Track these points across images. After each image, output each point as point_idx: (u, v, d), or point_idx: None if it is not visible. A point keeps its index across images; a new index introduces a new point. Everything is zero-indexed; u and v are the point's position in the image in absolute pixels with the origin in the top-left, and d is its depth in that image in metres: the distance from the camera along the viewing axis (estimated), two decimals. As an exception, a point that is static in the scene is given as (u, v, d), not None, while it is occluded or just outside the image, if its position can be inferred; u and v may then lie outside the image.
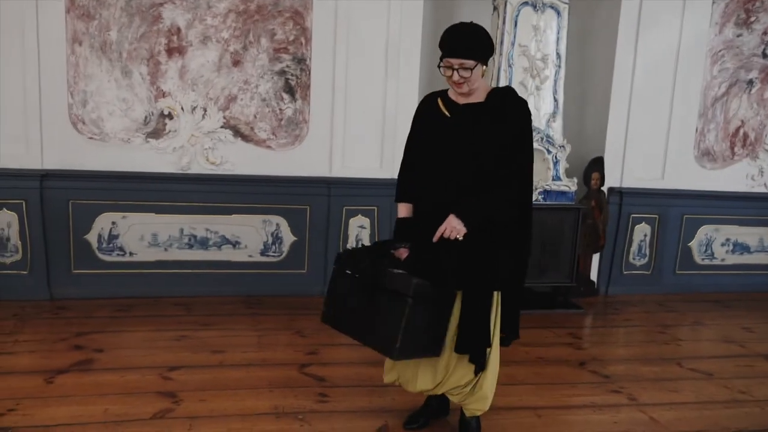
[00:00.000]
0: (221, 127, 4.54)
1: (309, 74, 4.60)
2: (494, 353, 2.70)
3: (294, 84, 4.60)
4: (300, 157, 4.66)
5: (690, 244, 5.50)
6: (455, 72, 2.48)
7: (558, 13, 4.60)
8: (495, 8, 4.64)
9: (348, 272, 2.64)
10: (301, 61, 4.58)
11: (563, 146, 4.72)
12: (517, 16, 4.53)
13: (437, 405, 3.01)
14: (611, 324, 4.69)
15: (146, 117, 4.44)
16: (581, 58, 5.29)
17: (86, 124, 4.37)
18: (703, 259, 5.57)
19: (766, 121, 5.52)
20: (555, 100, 4.71)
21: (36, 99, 4.24)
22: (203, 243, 4.62)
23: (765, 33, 5.34)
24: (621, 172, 5.18)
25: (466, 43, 2.48)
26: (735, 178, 5.50)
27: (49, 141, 4.31)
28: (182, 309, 4.37)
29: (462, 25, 2.52)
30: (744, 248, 5.65)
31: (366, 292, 2.55)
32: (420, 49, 4.67)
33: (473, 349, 2.60)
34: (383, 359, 3.54)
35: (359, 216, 4.77)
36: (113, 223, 4.47)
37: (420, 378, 2.74)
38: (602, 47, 5.18)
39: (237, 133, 4.58)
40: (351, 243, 4.80)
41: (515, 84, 4.59)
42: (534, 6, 4.55)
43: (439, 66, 2.53)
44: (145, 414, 2.91)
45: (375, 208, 4.75)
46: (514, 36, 4.57)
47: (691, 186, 5.34)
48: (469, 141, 2.55)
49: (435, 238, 2.52)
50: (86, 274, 4.48)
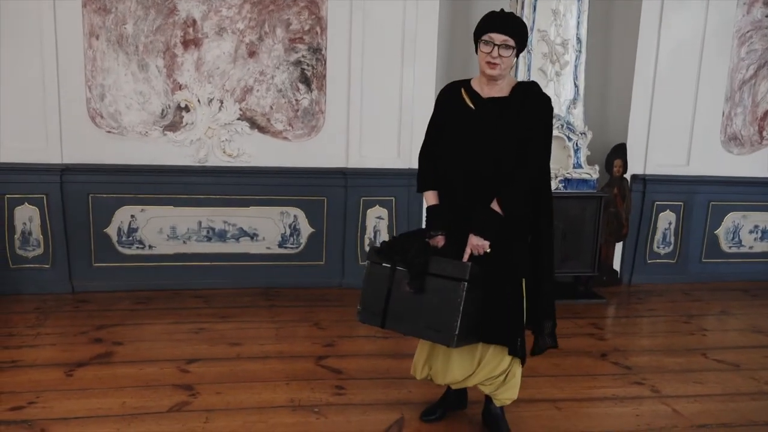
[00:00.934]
0: (238, 119, 4.53)
1: (325, 64, 4.56)
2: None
3: (310, 74, 4.56)
4: (316, 148, 4.63)
5: (716, 232, 5.37)
6: (496, 48, 2.43)
7: (578, -3, 4.50)
8: (513, -7, 4.55)
9: (386, 265, 2.61)
10: (317, 51, 4.54)
11: (584, 133, 4.62)
12: (536, 1, 4.43)
13: (455, 398, 2.98)
14: (634, 314, 4.60)
15: (163, 110, 4.45)
16: (603, 43, 5.17)
17: (104, 118, 4.39)
18: (730, 247, 5.44)
19: (797, 104, 5.35)
20: (575, 86, 4.60)
21: (55, 94, 4.27)
22: (221, 235, 4.63)
23: (795, 13, 5.16)
24: (644, 159, 5.06)
25: (514, 23, 2.48)
26: (763, 164, 5.34)
27: (69, 135, 4.34)
28: (201, 301, 4.38)
29: (506, 11, 2.53)
30: (773, 235, 5.51)
31: (417, 282, 2.52)
32: (437, 37, 4.59)
33: (499, 339, 2.57)
34: (401, 351, 3.57)
35: (377, 207, 4.73)
36: (132, 217, 4.50)
37: (451, 369, 2.71)
38: (624, 30, 5.05)
39: (253, 125, 4.56)
40: (369, 234, 4.77)
41: (534, 70, 4.50)
42: (553, -10, 4.45)
43: (478, 42, 2.49)
44: (162, 407, 2.92)
45: (393, 199, 4.71)
46: (533, 21, 4.47)
47: (718, 172, 5.20)
48: (492, 135, 2.51)
49: (464, 259, 2.52)
50: (107, 268, 4.52)
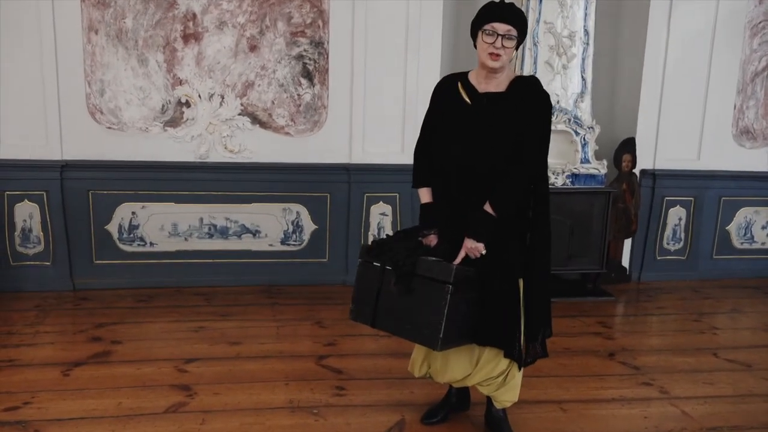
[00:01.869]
0: (239, 115, 4.47)
1: (327, 58, 4.49)
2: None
3: (312, 68, 4.49)
4: (319, 144, 4.56)
5: (728, 228, 5.25)
6: (499, 39, 2.35)
7: (585, -12, 4.40)
8: (519, -16, 4.45)
9: (377, 264, 2.55)
10: (319, 45, 4.47)
11: (592, 127, 4.53)
12: (542, -8, 4.34)
13: (457, 399, 2.91)
14: (643, 312, 4.50)
15: (164, 105, 4.39)
16: (611, 35, 5.05)
17: (104, 114, 4.34)
18: (742, 243, 5.32)
19: (811, 97, 5.22)
20: (583, 79, 4.50)
21: (54, 89, 4.22)
22: (223, 232, 4.57)
23: (810, 3, 5.03)
24: (654, 154, 4.96)
25: (516, 13, 2.40)
26: (776, 158, 5.23)
27: (68, 131, 4.29)
28: (202, 299, 4.33)
29: (510, 2, 2.45)
30: (787, 231, 5.39)
31: (403, 283, 2.46)
32: (441, 30, 4.50)
33: (494, 341, 2.50)
34: (403, 350, 3.49)
35: (381, 203, 4.66)
36: (133, 213, 4.45)
37: (450, 368, 2.65)
38: (633, 22, 4.94)
39: (255, 120, 4.50)
40: (373, 231, 4.70)
41: (541, 63, 4.41)
42: (560, -19, 4.35)
43: (478, 33, 2.40)
44: (159, 408, 2.87)
45: (397, 195, 4.64)
46: (539, 13, 4.37)
47: (729, 167, 5.08)
48: (487, 131, 2.44)
49: (457, 262, 2.45)
50: (108, 265, 4.48)
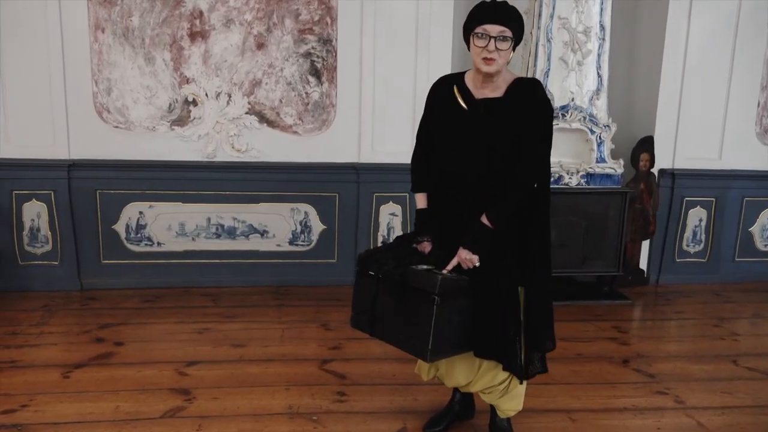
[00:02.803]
0: (246, 113, 4.41)
1: (335, 56, 4.41)
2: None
3: (320, 66, 4.42)
4: (327, 143, 4.49)
5: (751, 229, 5.06)
6: (492, 41, 2.22)
7: (601, -18, 4.26)
8: (532, -22, 4.33)
9: (371, 273, 2.47)
10: (327, 42, 4.39)
11: (608, 126, 4.39)
12: (557, -14, 4.21)
13: (461, 407, 2.82)
14: (661, 316, 4.36)
15: (170, 104, 4.35)
16: (629, 30, 4.90)
17: (111, 113, 4.31)
18: (766, 245, 5.12)
19: (840, 93, 5.01)
20: (599, 76, 4.36)
21: (61, 88, 4.20)
22: (231, 232, 4.52)
23: (839, -5, 4.82)
24: (673, 152, 4.79)
25: (509, 12, 2.26)
26: (803, 157, 5.03)
27: (75, 131, 4.27)
28: (209, 300, 4.28)
29: (502, 0, 2.30)
30: (813, 233, 5.18)
31: (393, 293, 2.38)
32: (452, 27, 4.40)
33: (492, 354, 2.40)
34: (409, 355, 3.40)
35: (390, 203, 4.58)
36: (140, 213, 4.42)
37: (455, 374, 2.58)
38: (652, 16, 4.78)
39: (262, 119, 4.44)
40: (382, 231, 4.61)
41: (555, 60, 4.28)
42: (575, -26, 4.22)
43: (470, 36, 2.28)
44: (156, 412, 2.82)
45: (406, 195, 4.54)
46: (553, 8, 4.24)
47: (753, 166, 4.89)
48: (484, 139, 2.33)
49: (448, 269, 2.36)
50: (115, 265, 4.45)
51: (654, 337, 3.97)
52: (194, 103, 4.36)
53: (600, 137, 4.39)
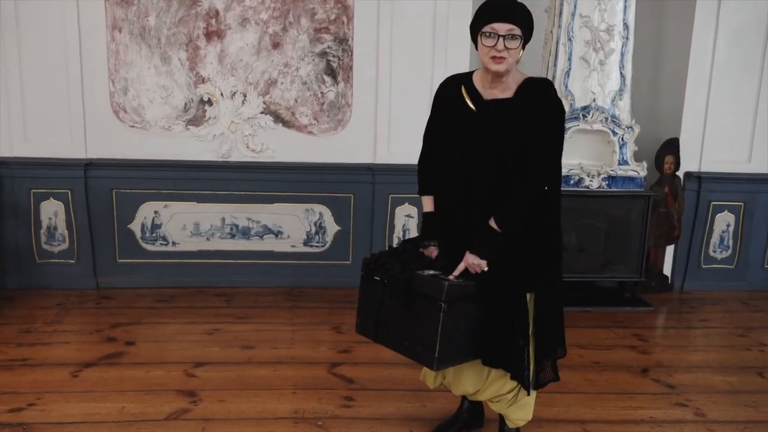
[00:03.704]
0: (261, 113, 4.38)
1: (351, 55, 4.36)
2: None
3: (336, 66, 4.37)
4: (343, 143, 4.44)
5: (782, 235, 4.89)
6: (501, 40, 2.14)
7: (625, -22, 4.14)
8: (553, -24, 4.23)
9: (377, 279, 2.41)
10: (343, 42, 4.34)
11: (631, 127, 4.26)
12: (578, -16, 4.10)
13: (470, 415, 2.75)
14: (684, 324, 4.21)
15: (186, 104, 4.34)
16: (654, 28, 4.76)
17: (128, 113, 4.32)
18: (798, 252, 4.94)
19: None
20: (622, 76, 4.24)
21: (78, 88, 4.22)
22: (245, 233, 4.50)
23: None
24: (699, 155, 4.63)
25: (518, 9, 2.17)
26: (837, 160, 4.82)
27: (92, 130, 4.29)
28: (222, 300, 4.26)
29: None
30: None
31: (398, 299, 2.31)
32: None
33: (500, 363, 2.32)
34: (417, 361, 3.33)
35: (406, 204, 4.51)
36: (156, 212, 4.42)
37: (462, 381, 2.51)
38: (678, 14, 4.63)
39: (278, 119, 4.41)
40: (398, 233, 4.55)
41: (576, 59, 4.17)
42: (597, -29, 4.10)
43: (478, 36, 2.20)
44: (161, 414, 2.80)
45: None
46: (575, 6, 4.13)
47: (784, 169, 4.72)
48: (493, 141, 2.25)
49: (455, 275, 2.29)
50: (131, 264, 4.46)
51: (676, 346, 3.83)
52: (209, 103, 4.34)
53: (622, 139, 4.26)
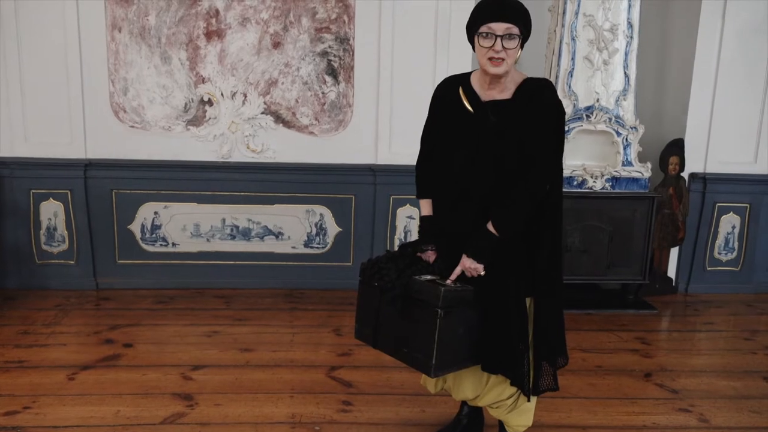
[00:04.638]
0: (262, 113, 4.35)
1: (353, 55, 4.32)
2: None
3: (337, 66, 4.33)
4: (344, 144, 4.40)
5: (789, 237, 4.83)
6: (498, 40, 2.08)
7: (629, -23, 4.09)
8: (556, -25, 4.18)
9: (375, 284, 2.38)
10: (344, 41, 4.31)
11: (635, 127, 4.21)
12: (582, -18, 4.05)
13: (470, 420, 2.70)
14: (688, 327, 4.16)
15: (186, 104, 4.32)
16: (659, 27, 4.71)
17: (127, 113, 4.30)
18: (805, 254, 4.88)
19: None
20: (626, 76, 4.19)
21: (78, 88, 4.20)
22: (245, 234, 4.47)
23: None
24: (705, 156, 4.58)
25: (515, 7, 2.12)
26: None
27: (92, 130, 4.27)
28: (222, 302, 4.23)
29: None
30: None
31: (395, 305, 2.28)
32: (473, 24, 4.28)
33: (499, 368, 2.28)
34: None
35: (407, 206, 4.46)
36: (156, 213, 4.40)
37: (462, 387, 2.47)
38: (683, 13, 4.58)
39: (278, 119, 4.37)
40: (399, 235, 4.51)
41: (579, 59, 4.12)
42: (601, -30, 4.06)
43: (475, 36, 2.15)
44: (156, 418, 2.76)
45: (424, 197, 4.43)
46: (578, 5, 4.09)
47: (791, 171, 4.66)
48: (491, 143, 2.20)
49: (452, 279, 2.26)
50: (130, 265, 4.44)
51: (680, 350, 3.78)
52: (210, 103, 4.32)
53: (626, 139, 4.22)
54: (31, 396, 2.93)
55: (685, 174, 4.55)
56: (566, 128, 4.12)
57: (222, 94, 4.30)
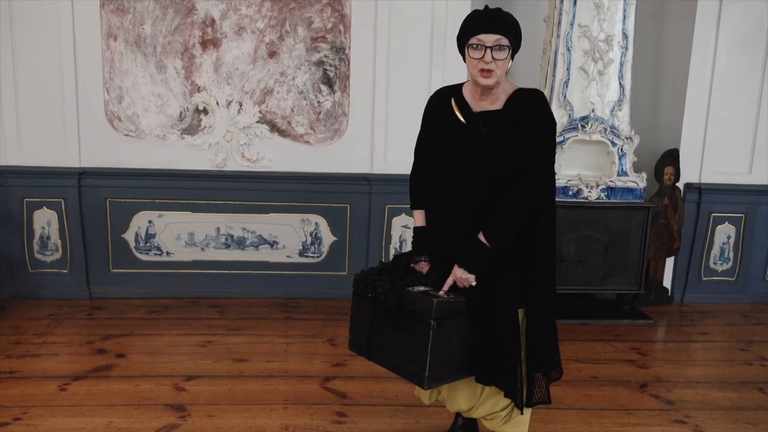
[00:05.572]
0: (257, 122, 4.35)
1: (348, 64, 4.32)
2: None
3: (332, 75, 4.33)
4: (339, 153, 4.40)
5: (784, 247, 4.83)
6: (488, 52, 2.09)
7: (624, -12, 4.10)
8: (551, -15, 4.19)
9: (369, 295, 2.36)
10: (340, 51, 4.31)
11: (630, 138, 4.22)
12: (577, -7, 4.07)
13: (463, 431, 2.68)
14: (684, 338, 4.15)
15: (181, 113, 4.31)
16: (654, 38, 4.73)
17: (122, 121, 4.29)
18: (800, 264, 4.88)
19: None
20: (621, 86, 4.20)
21: (73, 96, 4.19)
22: (240, 243, 4.45)
23: None
24: (700, 166, 4.59)
25: (504, 19, 2.13)
26: (839, 171, 4.77)
27: (86, 139, 4.26)
28: (216, 311, 4.21)
29: (495, 8, 2.17)
30: None
31: (388, 317, 2.26)
32: (468, 34, 4.28)
33: (493, 380, 2.26)
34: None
35: (403, 215, 4.46)
36: (150, 222, 4.38)
37: (457, 398, 2.46)
38: (678, 24, 4.60)
39: (273, 128, 4.37)
40: (395, 244, 4.50)
41: (574, 69, 4.13)
42: (596, -19, 4.07)
43: (465, 47, 2.15)
44: (148, 429, 2.74)
45: (419, 207, 4.42)
46: (574, 15, 4.10)
47: (785, 181, 4.67)
48: (483, 154, 2.20)
49: (444, 290, 2.26)
50: (124, 274, 4.42)
51: (675, 361, 3.77)
52: (205, 112, 4.31)
53: (622, 150, 4.22)
54: (22, 407, 2.90)
55: (681, 184, 4.55)
56: (561, 138, 4.13)
57: (217, 103, 4.30)
